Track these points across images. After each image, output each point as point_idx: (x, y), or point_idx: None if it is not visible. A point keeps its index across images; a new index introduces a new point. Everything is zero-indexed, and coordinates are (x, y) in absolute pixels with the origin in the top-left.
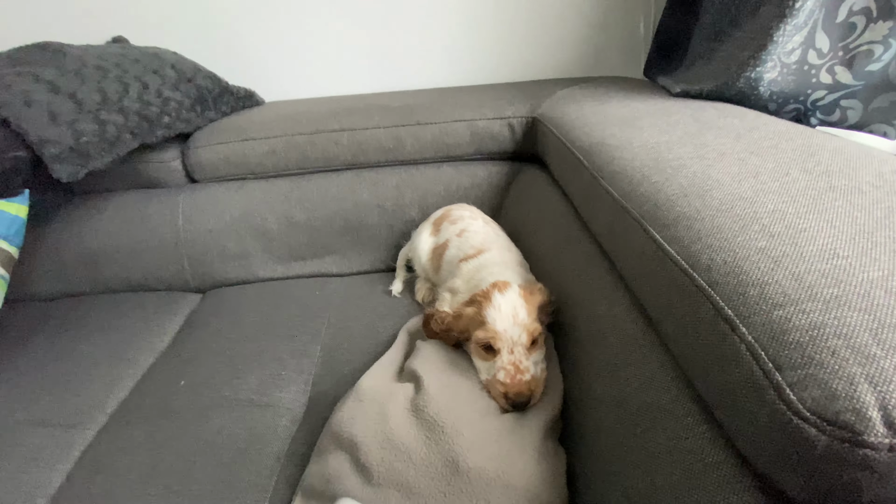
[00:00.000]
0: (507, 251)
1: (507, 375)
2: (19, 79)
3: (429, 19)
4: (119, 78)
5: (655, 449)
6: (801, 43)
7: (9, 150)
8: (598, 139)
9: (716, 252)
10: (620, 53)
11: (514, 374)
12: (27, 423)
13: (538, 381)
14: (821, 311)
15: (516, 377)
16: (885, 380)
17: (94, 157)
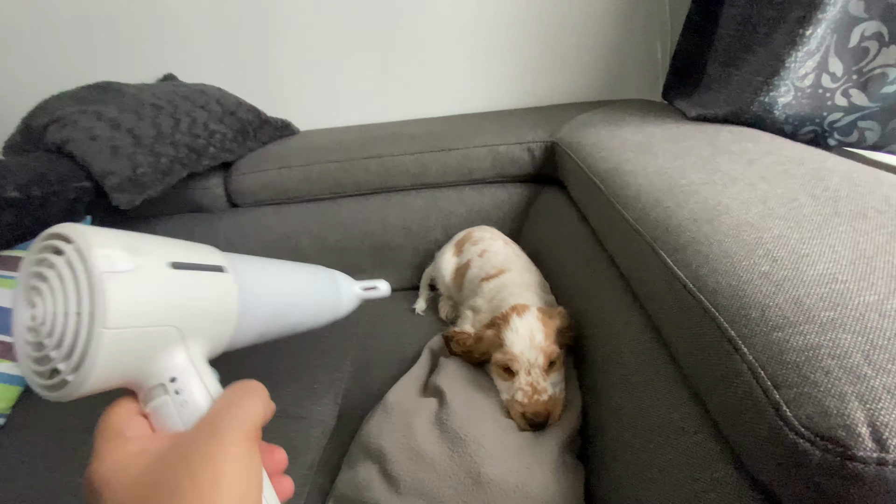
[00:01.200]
0: (527, 272)
1: (524, 396)
2: (84, 116)
3: (451, 50)
4: (171, 114)
5: (667, 464)
6: (815, 68)
7: (74, 180)
8: (613, 164)
9: (722, 276)
10: (639, 77)
11: (532, 394)
12: (84, 430)
13: (556, 402)
14: (817, 332)
15: (534, 397)
16: (874, 398)
17: (149, 187)
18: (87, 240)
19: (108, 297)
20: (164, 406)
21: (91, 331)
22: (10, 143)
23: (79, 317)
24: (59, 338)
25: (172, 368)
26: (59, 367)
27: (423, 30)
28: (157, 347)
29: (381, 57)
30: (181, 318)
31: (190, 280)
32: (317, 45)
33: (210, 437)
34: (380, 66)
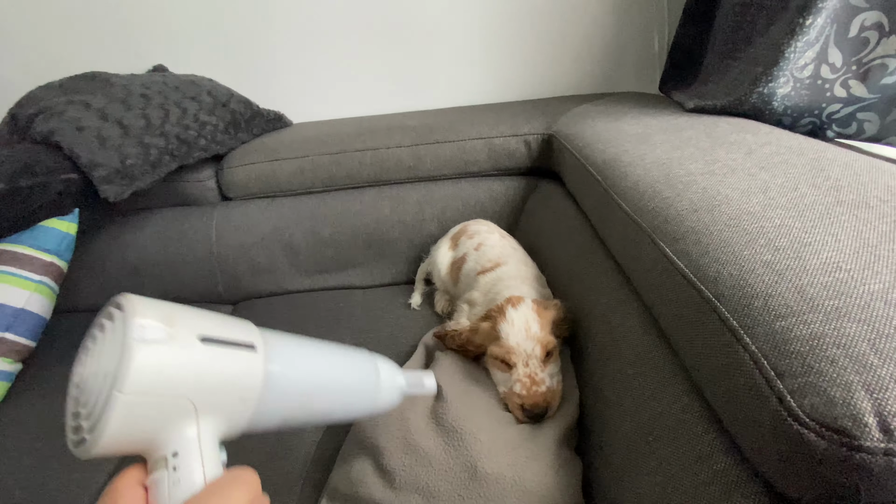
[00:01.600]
0: (523, 265)
1: (523, 387)
2: (71, 107)
3: (446, 42)
4: (161, 105)
5: (667, 456)
6: (814, 58)
7: (61, 172)
8: (611, 155)
9: (722, 265)
10: (636, 69)
11: (530, 385)
12: None
13: (554, 393)
14: (821, 321)
15: (532, 389)
16: (881, 387)
17: (139, 178)
18: (133, 308)
19: (132, 364)
20: (161, 481)
21: (110, 393)
22: None
23: (105, 378)
24: (88, 396)
25: (178, 442)
26: (83, 423)
27: (418, 21)
28: (169, 419)
29: (375, 48)
30: (197, 392)
31: (215, 355)
32: (310, 36)
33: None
34: (374, 58)
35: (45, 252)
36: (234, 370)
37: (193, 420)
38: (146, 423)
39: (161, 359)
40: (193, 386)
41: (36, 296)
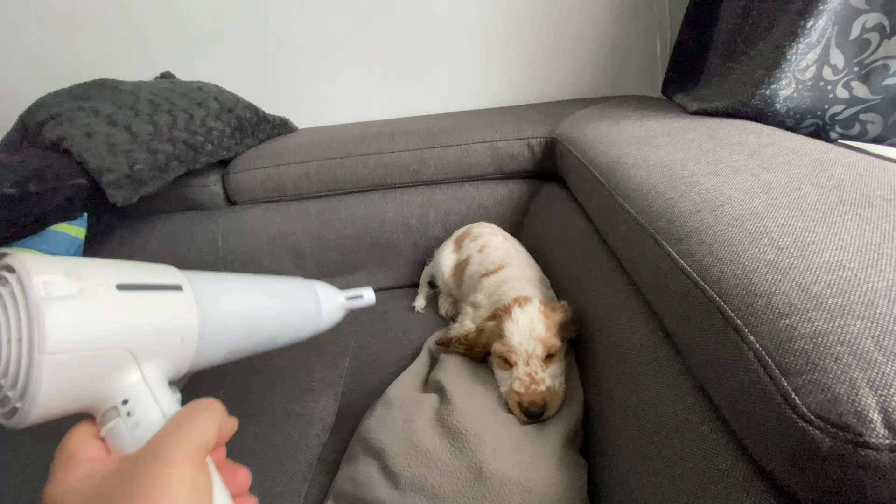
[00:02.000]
0: (527, 267)
1: (521, 385)
2: (81, 113)
3: (450, 47)
4: (168, 111)
5: (672, 456)
6: (816, 60)
7: (71, 177)
8: (614, 157)
9: (726, 265)
10: (638, 73)
11: (529, 384)
12: None
13: (553, 393)
14: (825, 319)
15: (531, 387)
16: (885, 384)
17: (147, 183)
18: (27, 267)
19: (46, 323)
20: (117, 429)
21: (31, 357)
22: (6, 140)
23: (20, 343)
24: (6, 366)
25: (124, 390)
26: (8, 394)
27: (421, 26)
28: (106, 370)
29: (379, 53)
30: (131, 340)
31: (140, 301)
32: (315, 42)
33: (153, 460)
34: (378, 63)
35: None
36: (167, 313)
37: (134, 366)
38: (81, 380)
39: (76, 313)
40: (123, 334)
41: None
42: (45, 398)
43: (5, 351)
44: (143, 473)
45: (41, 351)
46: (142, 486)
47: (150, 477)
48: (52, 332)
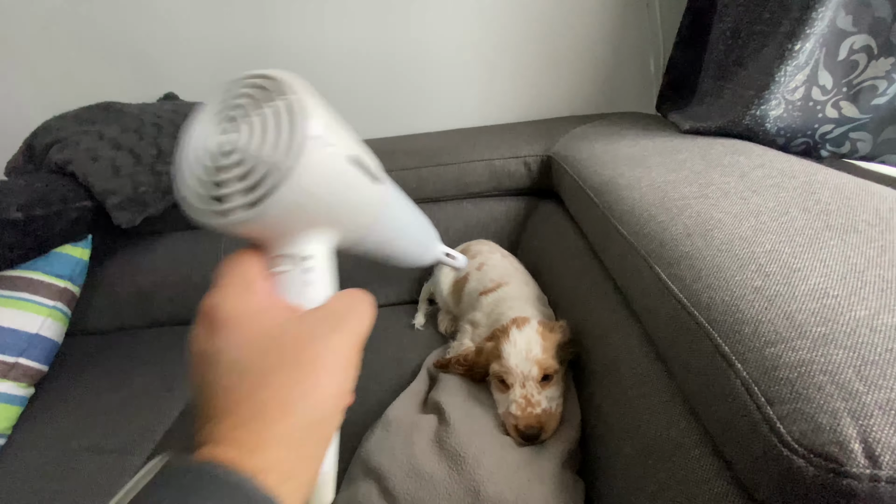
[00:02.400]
0: (525, 285)
1: (518, 408)
2: (86, 137)
3: (449, 67)
4: (172, 133)
5: (666, 480)
6: (804, 81)
7: (76, 200)
8: (608, 178)
9: (715, 291)
10: (633, 90)
11: (525, 406)
12: (83, 450)
13: (550, 416)
14: (809, 348)
15: (527, 410)
16: (866, 414)
17: (150, 205)
18: (305, 99)
19: (304, 161)
20: (289, 277)
21: (279, 181)
22: (12, 163)
23: (274, 164)
24: (247, 172)
25: (310, 247)
26: (236, 198)
27: (420, 47)
28: (311, 221)
29: (378, 74)
30: (337, 205)
31: (356, 177)
32: (314, 63)
33: (333, 331)
34: (377, 83)
35: (59, 278)
36: (363, 196)
37: (327, 231)
38: (295, 218)
39: (324, 165)
40: (336, 198)
41: (49, 321)
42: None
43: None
44: (324, 338)
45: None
46: (322, 347)
47: (329, 344)
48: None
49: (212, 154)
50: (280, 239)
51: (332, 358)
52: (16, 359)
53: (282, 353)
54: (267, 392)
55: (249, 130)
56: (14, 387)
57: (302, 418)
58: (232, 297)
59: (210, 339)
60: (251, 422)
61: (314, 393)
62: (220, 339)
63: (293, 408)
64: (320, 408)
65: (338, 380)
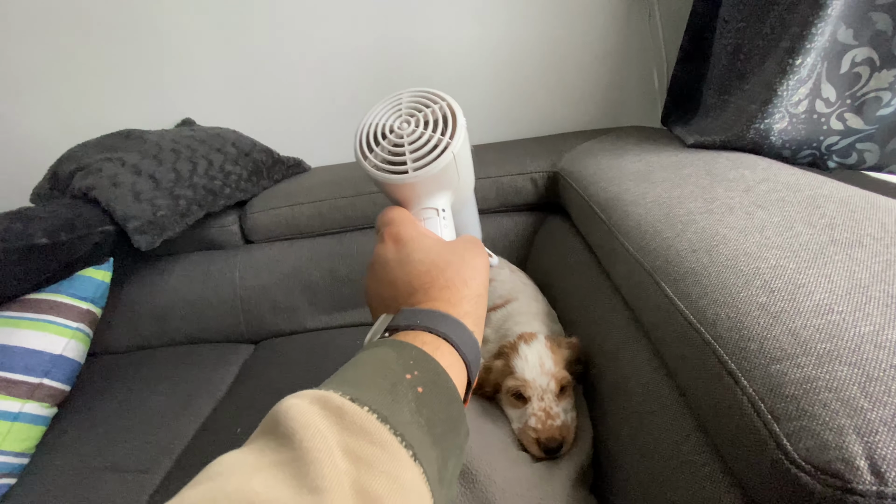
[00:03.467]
0: (534, 301)
1: (538, 421)
2: (108, 163)
3: (455, 86)
4: (189, 158)
5: (678, 498)
6: (808, 94)
7: (99, 225)
8: (614, 194)
9: (720, 307)
10: (638, 105)
11: (546, 419)
12: (104, 469)
13: (569, 428)
14: (814, 365)
15: (547, 423)
16: (871, 431)
17: (169, 228)
18: (454, 103)
19: (456, 139)
20: (433, 221)
21: (443, 152)
22: (38, 190)
23: (439, 141)
24: (419, 147)
25: (444, 203)
26: (409, 164)
27: (427, 67)
28: (447, 184)
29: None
30: (463, 172)
31: (470, 155)
32: (326, 85)
33: (476, 247)
34: None
35: (82, 300)
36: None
37: (451, 192)
38: (442, 180)
39: (463, 144)
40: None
41: (73, 342)
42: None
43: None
44: (473, 250)
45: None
46: (475, 255)
47: (477, 254)
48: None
49: (397, 135)
50: (426, 196)
51: (479, 262)
52: (40, 380)
53: (452, 255)
54: (450, 273)
55: (421, 123)
56: (38, 407)
57: (474, 289)
58: (407, 227)
59: (400, 250)
60: (447, 289)
61: (476, 276)
62: (407, 248)
63: (469, 282)
64: (481, 285)
65: (484, 274)
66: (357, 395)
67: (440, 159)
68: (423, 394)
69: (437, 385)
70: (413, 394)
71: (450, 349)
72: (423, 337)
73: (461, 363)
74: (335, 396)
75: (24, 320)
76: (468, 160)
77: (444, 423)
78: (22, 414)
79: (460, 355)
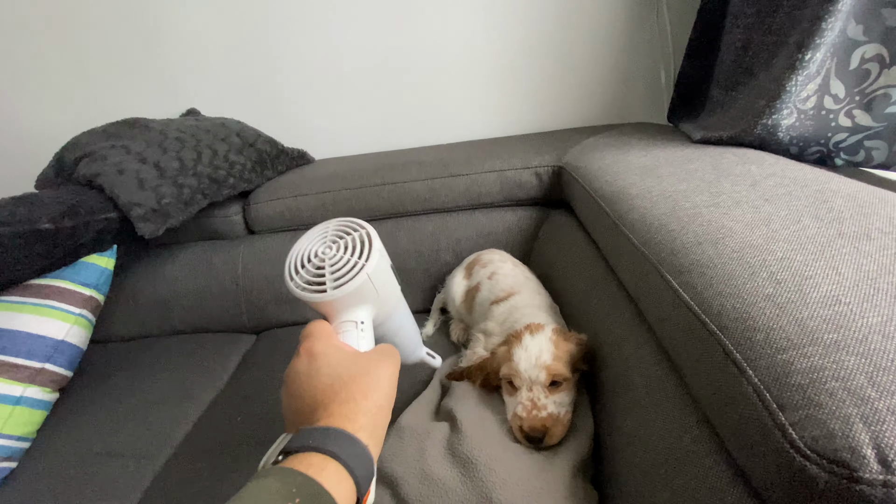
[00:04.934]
0: (536, 294)
1: (524, 410)
2: (113, 151)
3: (460, 80)
4: (194, 147)
5: (680, 488)
6: (816, 90)
7: (102, 211)
8: (619, 188)
9: (726, 298)
10: (644, 100)
11: (531, 409)
12: (104, 454)
13: (556, 421)
14: (821, 355)
15: (532, 412)
16: (878, 420)
17: (172, 216)
18: (372, 231)
19: (372, 261)
20: (351, 333)
21: (358, 272)
22: (43, 176)
23: (355, 264)
24: (337, 269)
25: (363, 316)
26: (328, 284)
27: (432, 60)
28: (366, 300)
29: (391, 87)
30: (381, 290)
31: (392, 277)
32: (331, 78)
33: (384, 359)
34: (391, 96)
35: (85, 286)
36: (393, 287)
37: (372, 306)
38: (359, 297)
39: (380, 265)
40: (381, 286)
41: (75, 328)
42: (343, 296)
43: (343, 263)
44: (380, 362)
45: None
46: (378, 367)
47: (383, 365)
48: (372, 266)
49: (320, 259)
50: (346, 310)
51: (386, 372)
52: (42, 364)
53: (358, 368)
54: (353, 387)
55: (342, 248)
56: (40, 392)
57: (375, 401)
58: (322, 341)
59: (311, 363)
60: (345, 404)
61: (379, 388)
62: (317, 362)
63: (369, 395)
64: (384, 396)
65: (389, 386)
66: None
67: (355, 279)
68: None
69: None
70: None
71: (337, 467)
72: (311, 459)
73: (349, 479)
74: None
75: (27, 305)
76: (388, 277)
77: None
78: (24, 398)
79: (348, 471)
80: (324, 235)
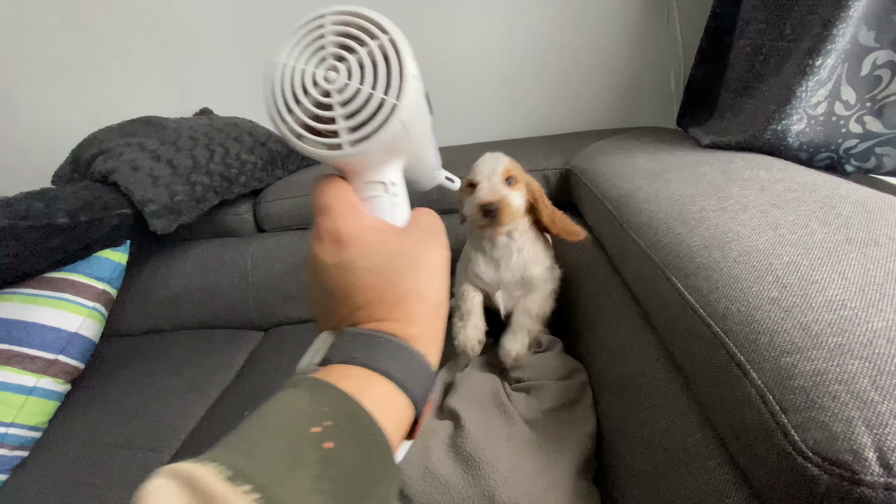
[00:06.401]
0: None
1: (483, 193)
2: (128, 148)
3: (470, 82)
4: (207, 145)
5: (682, 490)
6: (827, 96)
7: (117, 207)
8: (626, 191)
9: (731, 301)
10: (654, 105)
11: (489, 192)
12: (114, 445)
13: (509, 205)
14: (825, 358)
15: (489, 193)
16: (880, 423)
17: (185, 213)
18: (399, 39)
19: (407, 98)
20: (380, 200)
21: (387, 118)
22: (59, 172)
23: (381, 103)
24: (355, 110)
25: (393, 174)
26: (342, 134)
27: (443, 64)
28: (400, 151)
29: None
30: (417, 135)
31: (425, 110)
32: None
33: (432, 240)
34: None
35: (98, 280)
36: (427, 125)
37: (405, 157)
38: (391, 150)
39: (416, 99)
40: (416, 129)
41: (88, 321)
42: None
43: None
44: (425, 244)
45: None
46: (431, 251)
47: (430, 246)
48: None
49: (317, 87)
50: (371, 168)
51: (436, 258)
52: (56, 356)
53: (403, 258)
54: (403, 285)
55: (354, 70)
56: (52, 383)
57: (431, 301)
58: (349, 219)
59: (340, 252)
60: (398, 305)
61: (434, 283)
62: (349, 252)
63: (424, 294)
64: (439, 293)
65: (444, 274)
66: (243, 466)
67: (385, 128)
68: (332, 450)
69: (355, 434)
70: (318, 453)
71: (385, 386)
72: (351, 373)
73: (402, 399)
74: (208, 476)
75: (42, 297)
76: (423, 113)
77: (359, 479)
78: (37, 388)
79: (403, 390)
80: (318, 44)
